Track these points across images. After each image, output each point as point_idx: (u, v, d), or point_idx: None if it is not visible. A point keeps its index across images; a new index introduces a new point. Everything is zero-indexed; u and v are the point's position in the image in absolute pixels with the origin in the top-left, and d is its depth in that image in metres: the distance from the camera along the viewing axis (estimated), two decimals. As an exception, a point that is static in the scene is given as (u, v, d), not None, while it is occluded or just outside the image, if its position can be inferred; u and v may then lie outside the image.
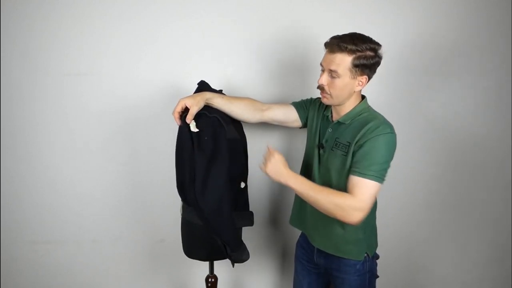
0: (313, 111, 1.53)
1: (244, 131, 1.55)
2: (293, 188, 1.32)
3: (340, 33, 1.30)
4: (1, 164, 1.69)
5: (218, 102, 1.44)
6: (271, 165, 1.33)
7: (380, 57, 1.30)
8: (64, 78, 1.64)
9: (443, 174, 1.93)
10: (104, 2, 1.59)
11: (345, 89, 1.31)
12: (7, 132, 1.66)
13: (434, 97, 1.83)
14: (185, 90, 1.61)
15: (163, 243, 1.85)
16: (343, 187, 1.32)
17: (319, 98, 1.54)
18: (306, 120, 1.55)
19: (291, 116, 1.55)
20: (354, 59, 1.26)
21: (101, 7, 1.59)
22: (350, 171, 1.30)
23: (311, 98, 1.58)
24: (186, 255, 1.52)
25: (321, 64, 1.33)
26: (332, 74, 1.29)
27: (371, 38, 1.29)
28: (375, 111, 1.39)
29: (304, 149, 1.56)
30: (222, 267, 1.87)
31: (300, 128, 1.57)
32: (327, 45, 1.32)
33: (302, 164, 1.56)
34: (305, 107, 1.56)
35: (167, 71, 1.68)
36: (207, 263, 1.61)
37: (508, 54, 1.81)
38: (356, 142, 1.30)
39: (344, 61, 1.27)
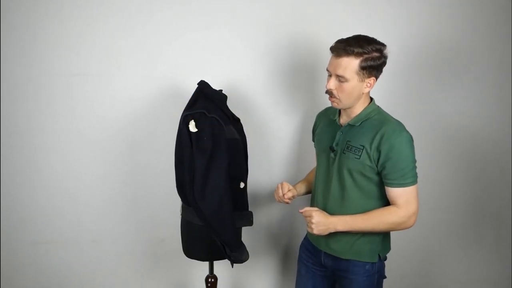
0: (317, 126, 1.56)
1: (244, 131, 1.55)
2: (344, 230, 1.33)
3: (347, 35, 1.29)
4: (1, 164, 1.69)
5: (302, 190, 1.59)
6: (316, 226, 1.31)
7: (385, 57, 1.29)
8: (63, 79, 1.64)
9: (445, 175, 1.93)
10: (105, 3, 1.59)
11: (354, 92, 1.30)
12: (7, 132, 1.66)
13: (435, 98, 1.83)
14: (186, 90, 1.60)
15: (163, 243, 1.85)
16: (356, 185, 1.34)
17: (318, 113, 1.58)
18: None
19: None
20: (361, 61, 1.25)
21: (101, 8, 1.59)
22: (385, 183, 1.32)
23: (313, 127, 1.59)
24: (186, 255, 1.52)
25: (327, 70, 1.32)
26: (340, 78, 1.28)
27: (376, 39, 1.29)
28: (383, 112, 1.39)
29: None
30: (222, 267, 1.87)
31: None
32: (333, 49, 1.30)
33: (317, 168, 1.55)
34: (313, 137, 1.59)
35: (168, 71, 1.68)
36: (207, 263, 1.61)
37: (509, 53, 1.81)
38: (375, 148, 1.29)
39: (351, 64, 1.26)
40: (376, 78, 1.32)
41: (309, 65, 1.73)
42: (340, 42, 1.28)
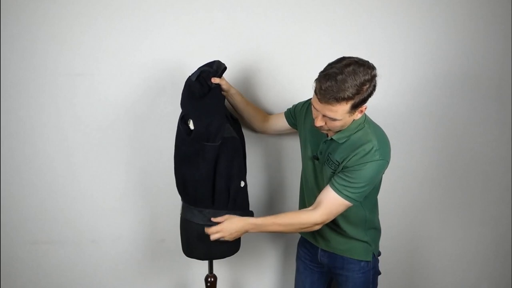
0: (301, 117, 1.51)
1: (243, 131, 1.56)
2: (255, 231, 1.32)
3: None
4: (1, 164, 1.69)
5: (235, 98, 1.53)
6: (230, 235, 1.31)
7: (375, 79, 1.18)
8: (64, 78, 1.64)
9: (445, 175, 1.93)
10: (106, 3, 1.59)
11: (346, 124, 1.26)
12: (7, 132, 1.66)
13: (435, 97, 1.83)
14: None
15: (163, 243, 1.85)
16: None
17: (307, 102, 1.52)
18: (297, 127, 1.56)
19: (285, 124, 1.59)
20: (353, 102, 1.16)
21: (102, 8, 1.59)
22: (330, 181, 1.30)
23: (298, 105, 1.55)
24: (185, 254, 1.52)
25: (312, 105, 1.24)
26: (329, 118, 1.21)
27: (364, 64, 1.16)
28: (371, 126, 1.32)
29: (297, 151, 1.57)
30: (221, 267, 1.88)
31: None
32: (318, 94, 1.16)
33: (302, 171, 1.56)
34: (292, 115, 1.56)
35: (169, 71, 1.68)
36: (206, 263, 1.61)
37: (509, 52, 1.82)
38: (344, 163, 1.28)
39: (341, 108, 1.17)
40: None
41: (309, 65, 1.73)
42: (326, 84, 1.14)
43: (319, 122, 1.24)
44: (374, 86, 1.19)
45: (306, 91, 1.72)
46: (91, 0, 1.58)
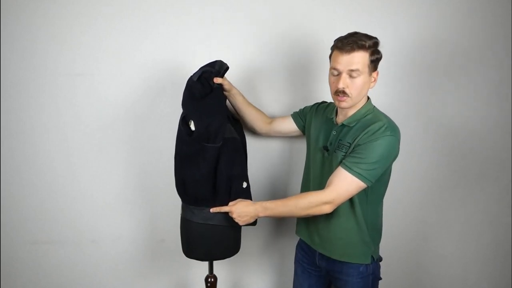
0: (310, 117, 1.55)
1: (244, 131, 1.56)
2: (265, 216, 1.35)
3: (343, 34, 1.30)
4: (1, 165, 1.69)
5: (237, 99, 1.57)
6: (240, 218, 1.35)
7: (381, 52, 1.32)
8: (62, 78, 1.64)
9: (445, 175, 1.93)
10: (107, 3, 1.59)
11: (364, 88, 1.31)
12: (7, 132, 1.66)
13: (435, 97, 1.83)
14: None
15: (163, 243, 1.85)
16: None
17: (316, 104, 1.58)
18: (305, 129, 1.58)
19: (291, 127, 1.62)
20: (370, 55, 1.27)
21: (103, 8, 1.60)
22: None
23: (305, 108, 1.61)
24: (186, 255, 1.52)
25: (334, 69, 1.30)
26: (353, 74, 1.27)
27: (372, 36, 1.31)
28: (380, 112, 1.38)
29: (302, 149, 1.57)
30: (221, 267, 1.88)
31: (304, 135, 1.61)
32: (341, 46, 1.27)
33: (305, 169, 1.56)
34: (301, 117, 1.60)
35: (169, 71, 1.68)
36: (206, 263, 1.61)
37: (509, 52, 1.82)
38: (355, 142, 1.30)
39: (363, 58, 1.26)
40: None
41: (308, 65, 1.73)
42: (347, 38, 1.27)
43: (342, 83, 1.27)
44: (381, 56, 1.32)
45: (305, 89, 1.74)
46: (91, 0, 1.59)
